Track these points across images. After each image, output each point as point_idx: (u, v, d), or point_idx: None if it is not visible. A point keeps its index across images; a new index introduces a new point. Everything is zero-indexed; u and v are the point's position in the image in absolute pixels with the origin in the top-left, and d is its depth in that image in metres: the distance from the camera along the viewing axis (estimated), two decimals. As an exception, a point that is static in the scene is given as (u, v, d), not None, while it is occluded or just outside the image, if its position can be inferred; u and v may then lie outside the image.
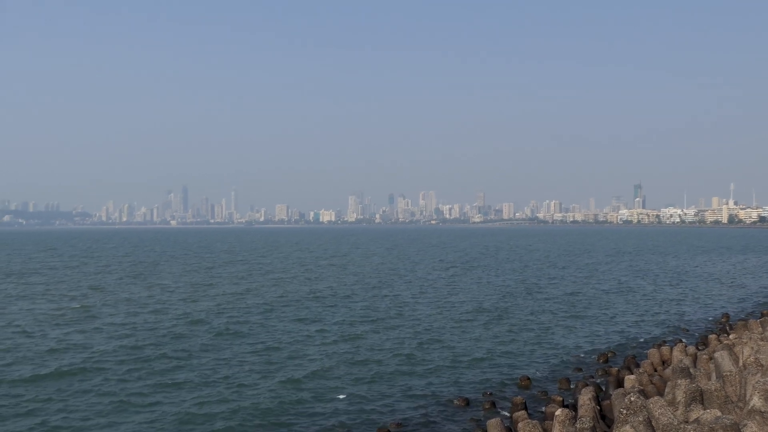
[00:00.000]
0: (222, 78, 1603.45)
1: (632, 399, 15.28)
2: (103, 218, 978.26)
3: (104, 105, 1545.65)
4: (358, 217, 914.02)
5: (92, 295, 54.74)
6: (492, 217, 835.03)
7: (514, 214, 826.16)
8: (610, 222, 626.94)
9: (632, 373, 23.54)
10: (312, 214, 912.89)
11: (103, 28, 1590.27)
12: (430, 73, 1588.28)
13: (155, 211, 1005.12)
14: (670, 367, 23.12)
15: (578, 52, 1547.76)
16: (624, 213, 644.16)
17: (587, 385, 23.29)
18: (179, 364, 28.74)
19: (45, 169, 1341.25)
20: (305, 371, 27.41)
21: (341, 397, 23.89)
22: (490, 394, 24.43)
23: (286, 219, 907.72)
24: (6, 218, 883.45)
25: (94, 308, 46.15)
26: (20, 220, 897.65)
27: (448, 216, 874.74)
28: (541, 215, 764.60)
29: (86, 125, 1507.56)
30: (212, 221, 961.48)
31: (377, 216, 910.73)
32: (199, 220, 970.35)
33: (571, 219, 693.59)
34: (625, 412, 15.05)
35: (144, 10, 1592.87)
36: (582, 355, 31.55)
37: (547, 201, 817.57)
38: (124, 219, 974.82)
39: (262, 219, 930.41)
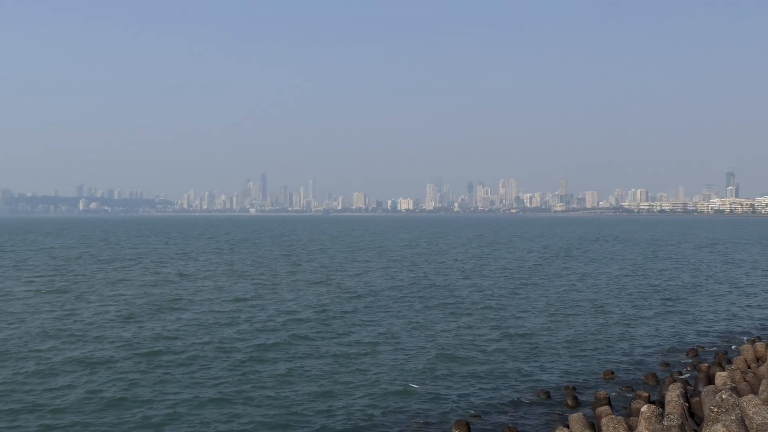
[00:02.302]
0: (300, 67, 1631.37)
1: (724, 397, 14.70)
2: (184, 206, 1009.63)
3: (184, 97, 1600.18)
4: (437, 205, 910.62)
5: (180, 282, 57.09)
6: (574, 205, 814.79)
7: (598, 202, 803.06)
8: (700, 211, 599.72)
9: (724, 370, 22.58)
10: (390, 202, 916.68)
11: (177, 24, 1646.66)
12: (508, 60, 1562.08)
13: (234, 198, 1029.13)
14: (765, 365, 22.04)
15: (663, 36, 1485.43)
16: (715, 202, 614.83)
17: (675, 381, 22.52)
18: (262, 355, 29.54)
19: (129, 157, 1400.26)
20: (383, 362, 27.67)
21: (418, 387, 23.93)
22: (573, 387, 23.99)
23: (364, 207, 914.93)
24: (92, 205, 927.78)
25: (185, 297, 48.15)
26: (106, 208, 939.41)
27: (528, 205, 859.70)
28: (626, 204, 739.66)
29: (168, 115, 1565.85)
30: (290, 209, 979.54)
31: (456, 204, 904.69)
32: (277, 208, 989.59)
33: (659, 208, 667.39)
34: (716, 410, 14.50)
35: (226, 7, 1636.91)
36: (669, 350, 30.52)
37: (633, 189, 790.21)
38: (205, 206, 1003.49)
39: (339, 207, 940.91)
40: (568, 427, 17.69)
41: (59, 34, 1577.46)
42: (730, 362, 25.66)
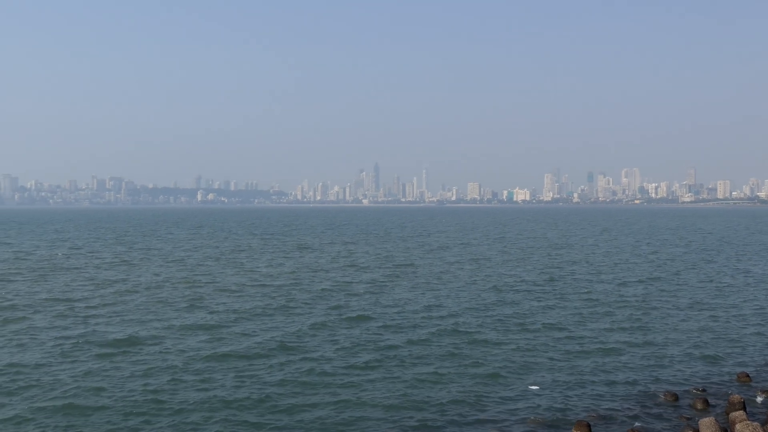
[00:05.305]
0: (412, 61, 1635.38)
1: None
2: (298, 197, 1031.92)
3: (296, 91, 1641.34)
4: (554, 196, 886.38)
5: (303, 275, 59.10)
6: (704, 196, 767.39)
7: (731, 193, 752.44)
8: None
9: None
10: (505, 192, 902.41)
11: (286, 28, 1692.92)
12: (629, 41, 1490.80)
13: (347, 189, 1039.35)
14: None
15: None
16: None
17: (820, 388, 20.95)
18: (379, 354, 29.88)
19: (245, 149, 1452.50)
20: (500, 360, 27.34)
21: (535, 388, 23.50)
22: (703, 390, 22.91)
23: (478, 198, 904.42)
24: (210, 197, 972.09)
25: (306, 291, 49.83)
26: (222, 199, 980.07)
27: (653, 195, 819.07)
28: (762, 194, 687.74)
29: (281, 108, 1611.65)
30: (403, 200, 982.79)
31: (575, 195, 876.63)
32: (390, 198, 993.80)
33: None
34: None
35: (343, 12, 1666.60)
36: (813, 354, 28.34)
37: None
38: (318, 198, 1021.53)
39: (453, 198, 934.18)
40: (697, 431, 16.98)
41: (172, 36, 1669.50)
42: None
